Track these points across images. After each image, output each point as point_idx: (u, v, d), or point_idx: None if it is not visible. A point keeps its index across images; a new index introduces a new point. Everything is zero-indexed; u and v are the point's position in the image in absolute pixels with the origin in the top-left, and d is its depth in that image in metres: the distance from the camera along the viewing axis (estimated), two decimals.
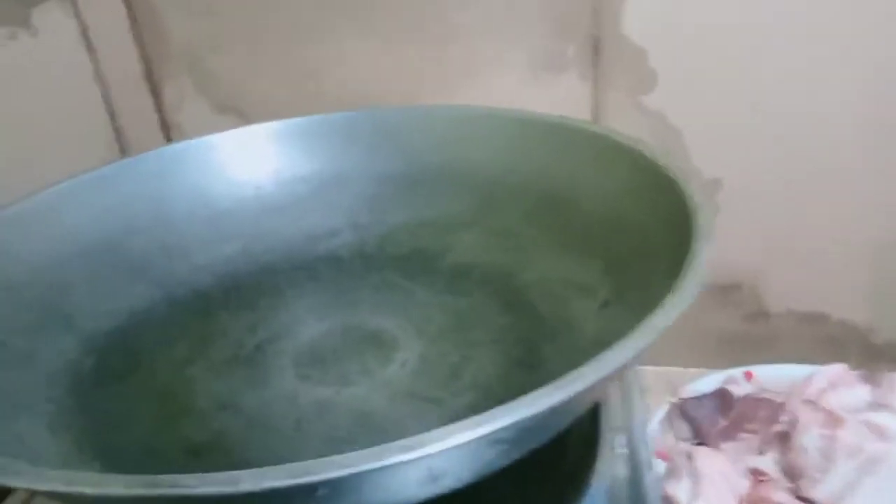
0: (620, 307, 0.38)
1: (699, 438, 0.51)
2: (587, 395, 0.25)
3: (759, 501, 0.46)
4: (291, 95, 0.59)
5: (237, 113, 0.59)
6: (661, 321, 0.27)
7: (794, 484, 0.47)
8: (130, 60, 0.58)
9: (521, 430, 0.22)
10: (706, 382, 0.57)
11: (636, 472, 0.40)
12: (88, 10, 0.56)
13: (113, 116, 0.59)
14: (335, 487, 0.20)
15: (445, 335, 0.43)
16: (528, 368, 0.39)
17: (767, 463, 0.47)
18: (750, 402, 0.51)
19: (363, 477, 0.20)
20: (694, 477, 0.46)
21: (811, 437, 0.44)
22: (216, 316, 0.46)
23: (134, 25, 0.57)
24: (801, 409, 0.47)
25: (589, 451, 0.38)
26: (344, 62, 0.58)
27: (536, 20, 0.55)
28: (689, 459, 0.48)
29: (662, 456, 0.51)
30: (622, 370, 0.25)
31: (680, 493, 0.47)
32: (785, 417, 0.49)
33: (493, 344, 0.41)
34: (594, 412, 0.40)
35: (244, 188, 0.52)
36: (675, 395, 0.56)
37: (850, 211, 0.59)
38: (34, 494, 0.41)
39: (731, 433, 0.50)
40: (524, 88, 0.57)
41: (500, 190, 0.49)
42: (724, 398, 0.51)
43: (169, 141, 0.62)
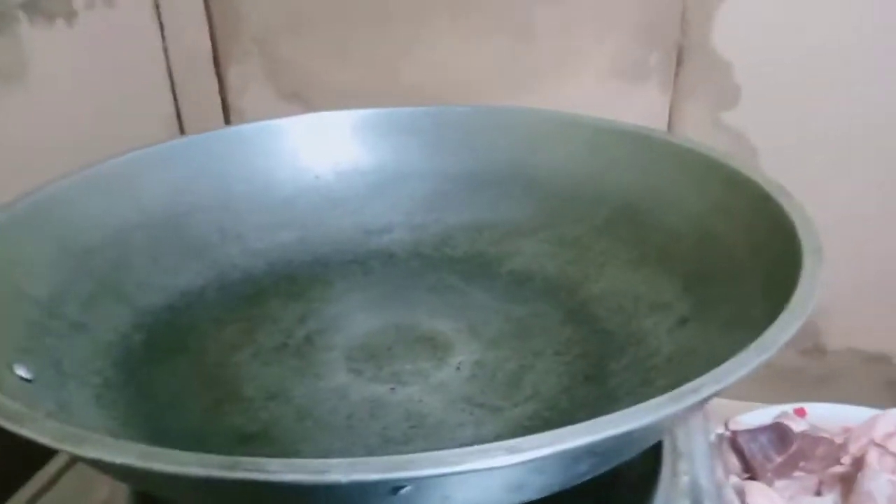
0: (700, 325, 0.36)
1: (750, 473, 0.49)
2: (693, 409, 0.23)
3: None
4: (365, 86, 0.58)
5: (302, 102, 0.58)
6: (779, 336, 0.25)
7: None
8: (199, 39, 0.58)
9: (618, 442, 0.21)
10: (757, 416, 0.55)
11: (697, 497, 0.38)
12: None
13: (175, 95, 0.59)
14: (421, 486, 0.18)
15: (504, 341, 0.41)
16: (593, 382, 0.37)
17: None
18: (808, 439, 0.49)
19: (457, 478, 0.18)
20: None
21: (880, 483, 0.42)
22: (267, 303, 0.45)
23: (207, 2, 0.56)
24: (869, 452, 0.44)
25: (650, 475, 0.37)
26: (427, 53, 0.57)
27: (623, 24, 0.53)
28: (741, 495, 0.46)
29: None
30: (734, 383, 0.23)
31: None
32: (847, 459, 0.46)
33: (554, 355, 0.40)
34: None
35: (305, 176, 0.51)
36: (724, 426, 0.54)
37: None
38: (73, 462, 0.40)
39: (786, 471, 0.48)
40: (600, 93, 0.55)
41: (570, 199, 0.48)
42: (781, 433, 0.49)
43: (228, 124, 0.61)
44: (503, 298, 0.45)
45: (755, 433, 0.51)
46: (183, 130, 0.60)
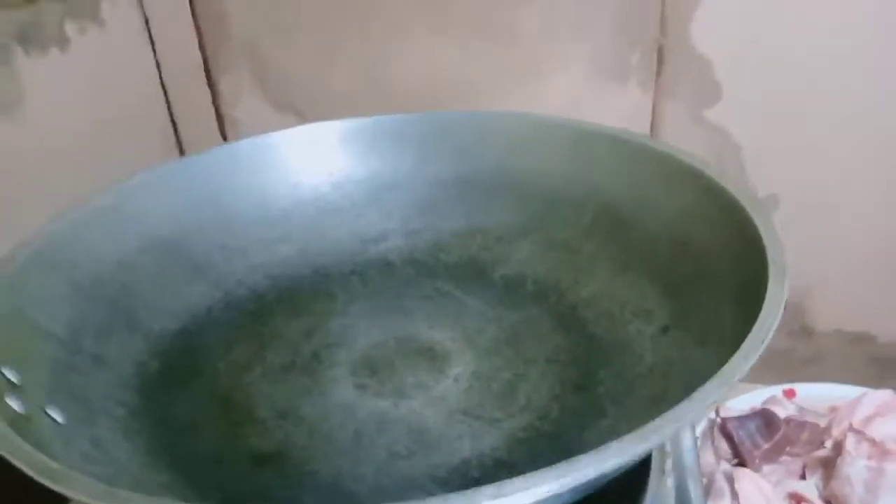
0: (680, 334, 0.38)
1: (739, 458, 0.52)
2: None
3: None
4: (354, 91, 0.59)
5: (294, 110, 0.60)
6: (736, 370, 0.27)
7: None
8: (189, 51, 0.59)
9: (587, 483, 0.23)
10: (746, 400, 0.58)
11: (683, 494, 0.40)
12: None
13: (170, 107, 0.60)
14: None
15: (498, 350, 0.43)
16: (582, 391, 0.39)
17: (810, 488, 0.47)
18: (793, 425, 0.51)
19: None
20: (736, 499, 0.46)
21: (857, 468, 0.45)
22: (273, 319, 0.47)
23: (194, 14, 0.57)
24: (847, 437, 0.47)
25: (639, 475, 0.39)
26: (411, 58, 0.58)
27: (603, 24, 0.54)
28: (730, 481, 0.48)
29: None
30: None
31: None
32: (829, 443, 0.49)
33: (546, 363, 0.42)
34: None
35: (301, 189, 0.53)
36: (715, 411, 0.57)
37: None
38: None
39: (772, 456, 0.50)
40: (584, 93, 0.57)
41: (558, 201, 0.49)
42: (767, 419, 0.52)
43: (223, 133, 0.62)
44: (496, 304, 0.47)
45: (743, 420, 0.53)
46: (180, 142, 0.61)
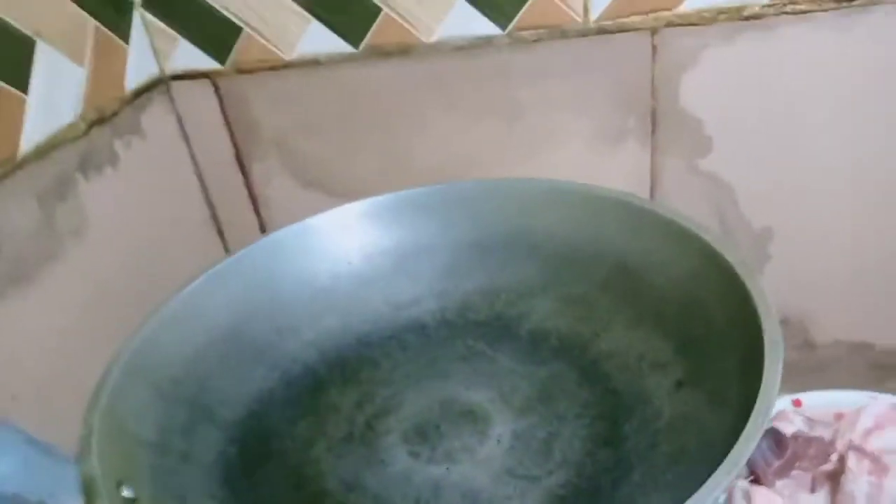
0: (694, 392, 0.43)
1: (754, 476, 0.57)
2: None
3: None
4: (375, 169, 0.64)
5: (322, 188, 0.65)
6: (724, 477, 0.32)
7: None
8: (222, 144, 0.64)
9: None
10: None
11: None
12: (183, 102, 0.62)
13: (208, 197, 0.65)
14: None
15: (532, 407, 0.48)
16: (610, 446, 0.44)
17: (819, 502, 0.52)
18: (801, 441, 0.56)
19: None
20: None
21: (859, 484, 0.50)
22: (327, 392, 0.51)
23: (224, 114, 0.62)
24: (848, 455, 0.52)
25: None
26: (424, 137, 0.63)
27: (600, 95, 0.59)
28: (747, 498, 0.54)
29: None
30: None
31: None
32: (834, 456, 0.54)
33: (576, 419, 0.47)
34: None
35: (338, 264, 0.57)
36: None
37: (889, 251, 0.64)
38: None
39: (784, 471, 0.55)
40: (587, 156, 0.62)
41: (572, 259, 0.54)
42: (777, 438, 0.57)
43: (258, 213, 0.67)
44: (525, 360, 0.52)
45: None
46: (218, 226, 0.67)
